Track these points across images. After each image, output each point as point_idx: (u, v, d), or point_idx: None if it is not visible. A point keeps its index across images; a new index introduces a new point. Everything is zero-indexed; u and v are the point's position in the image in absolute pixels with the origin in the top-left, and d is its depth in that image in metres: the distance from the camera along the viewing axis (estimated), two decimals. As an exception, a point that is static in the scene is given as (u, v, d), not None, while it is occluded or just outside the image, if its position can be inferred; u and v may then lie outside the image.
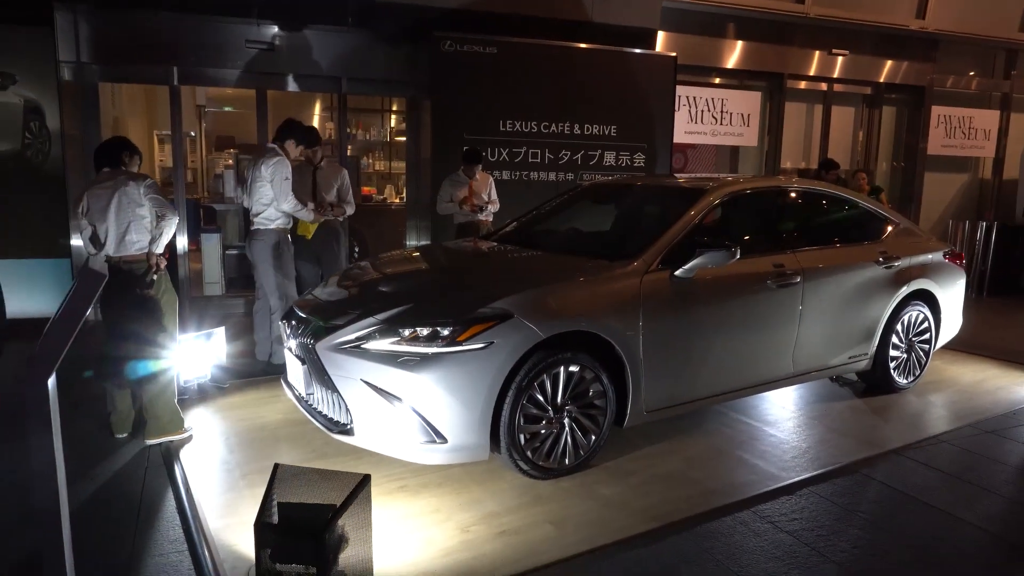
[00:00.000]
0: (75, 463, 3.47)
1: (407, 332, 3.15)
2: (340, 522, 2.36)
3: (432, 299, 3.43)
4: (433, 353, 3.08)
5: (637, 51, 7.41)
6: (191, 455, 3.66)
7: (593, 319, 3.38)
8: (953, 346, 5.52)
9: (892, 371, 4.81)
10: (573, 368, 3.36)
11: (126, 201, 3.73)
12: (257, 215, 4.94)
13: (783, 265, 4.14)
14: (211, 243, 7.20)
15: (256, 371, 5.03)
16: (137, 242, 3.77)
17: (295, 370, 3.64)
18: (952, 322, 5.22)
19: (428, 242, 7.13)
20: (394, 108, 11.41)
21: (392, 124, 11.57)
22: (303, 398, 3.60)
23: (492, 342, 3.11)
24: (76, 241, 6.23)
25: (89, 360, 4.09)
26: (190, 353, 4.46)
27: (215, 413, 4.26)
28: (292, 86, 6.92)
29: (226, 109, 11.52)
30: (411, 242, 7.64)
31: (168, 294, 3.91)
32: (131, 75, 6.62)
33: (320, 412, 3.46)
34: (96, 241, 3.79)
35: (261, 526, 2.31)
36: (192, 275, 7.00)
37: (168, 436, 3.78)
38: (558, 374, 3.33)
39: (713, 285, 3.81)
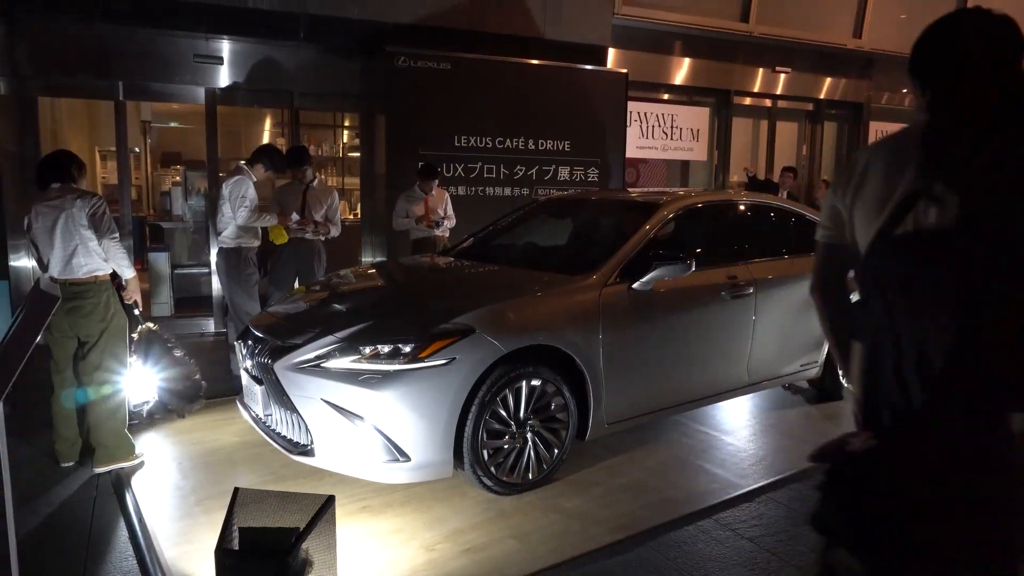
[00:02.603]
0: (19, 492, 3.32)
1: (368, 350, 3.12)
2: (304, 545, 2.30)
3: (392, 316, 3.41)
4: (395, 370, 3.06)
5: (589, 67, 7.54)
6: (143, 481, 3.54)
7: (554, 333, 3.41)
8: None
9: (841, 378, 4.97)
10: (535, 382, 3.37)
11: (72, 223, 3.53)
12: (219, 233, 4.97)
13: (736, 276, 4.24)
14: (159, 262, 7.00)
15: (210, 392, 4.88)
16: (85, 265, 3.57)
17: (252, 391, 3.56)
18: (895, 329, 5.42)
19: (384, 259, 7.07)
20: (346, 123, 11.33)
21: (344, 139, 11.48)
22: (261, 419, 3.52)
23: (454, 358, 3.10)
24: (15, 262, 5.99)
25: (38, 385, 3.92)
26: (138, 377, 4.30)
27: (168, 437, 4.13)
28: (243, 101, 6.81)
29: (172, 124, 11.26)
30: (366, 258, 7.56)
31: (117, 317, 3.77)
32: (73, 89, 6.41)
33: (279, 433, 3.39)
34: (41, 263, 3.62)
35: (222, 552, 2.24)
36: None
37: (118, 463, 3.64)
38: (520, 388, 3.34)
39: (670, 297, 3.88)
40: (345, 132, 11.43)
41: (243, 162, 5.16)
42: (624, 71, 7.69)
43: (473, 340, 3.15)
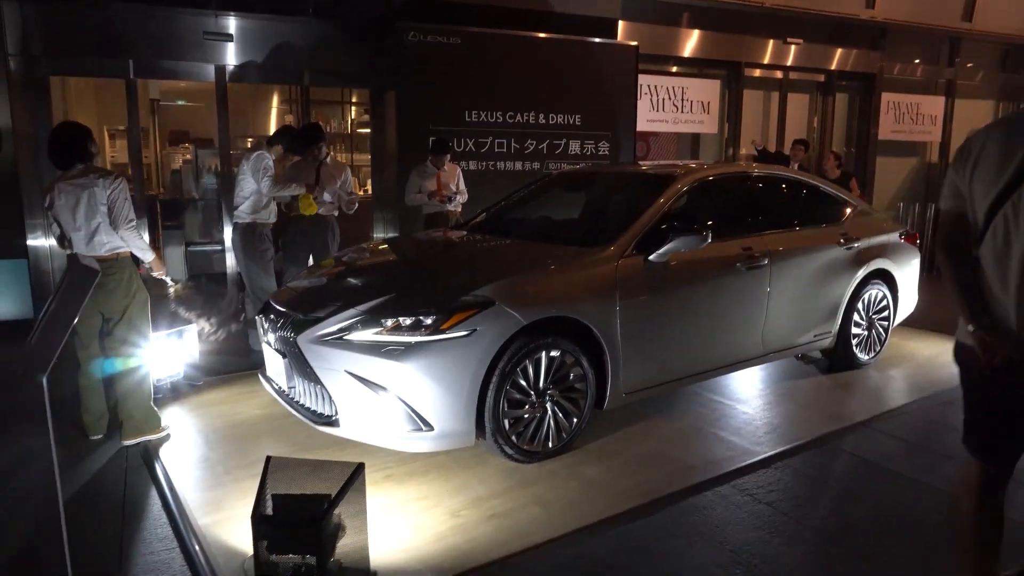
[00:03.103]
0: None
1: (389, 322, 3.17)
2: (336, 511, 2.37)
3: (413, 288, 3.45)
4: (417, 342, 3.10)
5: (599, 40, 7.48)
6: (171, 454, 3.62)
7: (572, 305, 3.45)
8: (908, 323, 5.74)
9: (854, 348, 5.00)
10: (554, 353, 3.42)
11: (94, 202, 3.56)
12: (235, 208, 5.03)
13: (751, 248, 4.26)
14: (173, 240, 7.06)
15: (231, 367, 4.97)
16: (107, 243, 3.61)
17: (275, 364, 3.62)
18: (908, 300, 5.44)
19: (395, 235, 7.10)
20: (354, 100, 11.29)
21: (352, 116, 11.45)
22: (284, 392, 3.58)
23: (475, 329, 3.15)
24: (33, 241, 6.04)
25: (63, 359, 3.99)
26: (162, 352, 4.38)
27: (192, 411, 4.20)
28: (253, 78, 6.80)
29: (179, 103, 11.25)
30: (378, 235, 7.59)
31: (140, 292, 3.82)
32: (85, 68, 6.42)
33: (302, 405, 3.46)
34: (63, 240, 3.68)
35: (259, 518, 2.31)
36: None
37: (145, 436, 3.73)
38: (539, 359, 3.38)
39: (686, 269, 3.91)
40: (352, 109, 11.40)
41: (264, 140, 5.22)
42: (634, 44, 7.64)
43: (493, 312, 3.20)
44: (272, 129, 11.76)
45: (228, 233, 6.94)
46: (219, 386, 4.62)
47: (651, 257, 3.75)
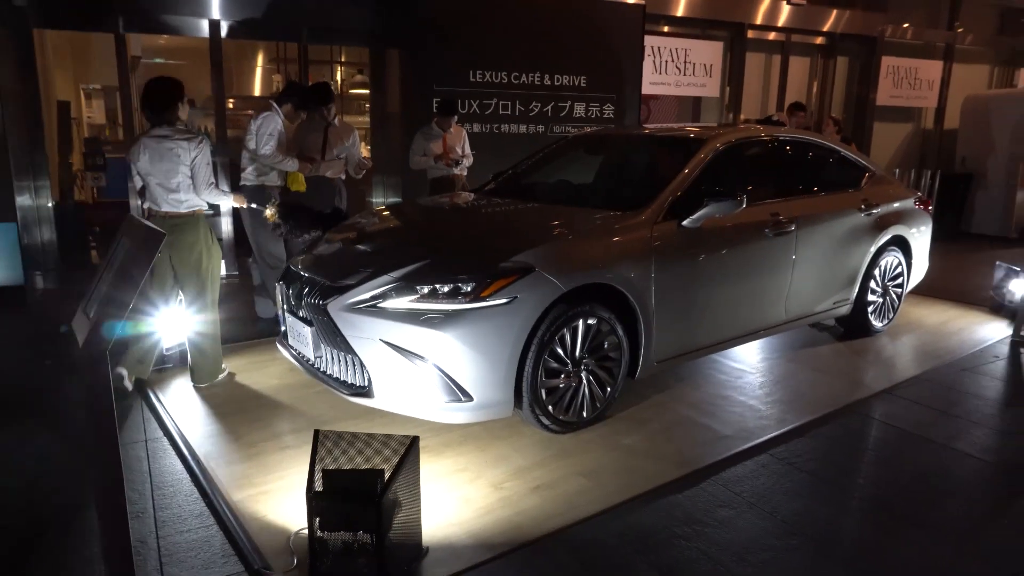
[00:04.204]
0: (67, 435, 3.28)
1: (426, 289, 3.05)
2: (393, 486, 2.28)
3: (448, 254, 3.32)
4: (457, 310, 3.00)
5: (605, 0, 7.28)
6: (191, 425, 3.49)
7: (610, 271, 3.36)
8: (913, 290, 5.76)
9: (870, 315, 5.00)
10: (591, 321, 3.34)
11: (176, 161, 3.65)
12: (242, 170, 4.83)
13: (779, 214, 4.19)
14: (166, 204, 6.79)
15: (239, 336, 4.82)
16: (186, 201, 3.72)
17: (299, 333, 3.49)
18: (921, 267, 5.44)
19: (409, 199, 6.92)
20: (343, 59, 10.94)
21: (341, 76, 11.11)
22: (310, 362, 3.46)
23: (516, 296, 3.04)
24: (22, 203, 5.78)
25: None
26: (170, 320, 4.22)
27: (206, 381, 4.06)
28: (248, 35, 6.52)
29: (157, 60, 10.81)
30: (380, 199, 7.40)
31: (213, 249, 3.90)
32: (71, 21, 6.09)
33: (331, 375, 3.34)
34: (142, 193, 3.77)
35: (314, 495, 2.21)
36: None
37: (215, 379, 3.97)
38: (577, 327, 3.30)
39: (717, 235, 3.83)
40: (342, 69, 11.04)
41: (272, 99, 4.97)
42: (641, 2, 7.44)
43: (533, 278, 3.09)
44: (257, 90, 11.39)
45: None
46: (229, 355, 4.46)
47: (684, 222, 3.66)
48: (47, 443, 3.32)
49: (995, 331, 5.29)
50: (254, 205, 4.44)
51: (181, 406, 3.71)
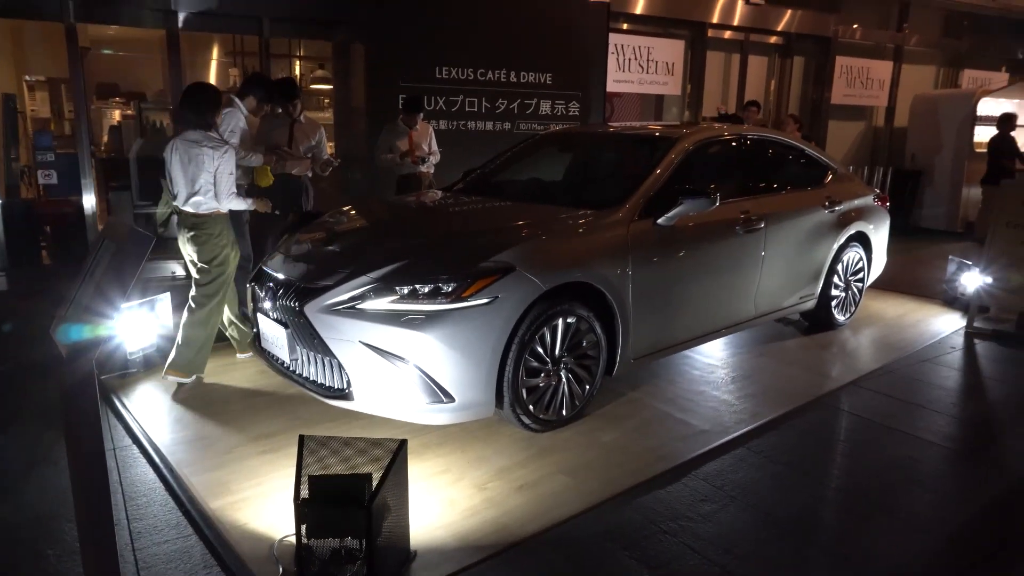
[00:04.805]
0: (28, 441, 3.14)
1: (406, 290, 3.01)
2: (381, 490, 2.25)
3: (427, 254, 3.28)
4: (438, 310, 2.97)
5: (570, -4, 7.30)
6: (161, 432, 3.38)
7: (588, 269, 3.37)
8: (872, 284, 5.93)
9: (833, 309, 5.13)
10: (570, 320, 3.34)
11: (202, 166, 3.77)
12: None
13: (748, 211, 4.26)
14: (122, 202, 6.57)
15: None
16: (205, 204, 3.82)
17: (274, 335, 3.41)
18: (880, 261, 5.61)
19: (366, 197, 6.82)
20: (302, 53, 10.71)
21: (301, 71, 10.87)
22: (285, 364, 3.39)
23: (497, 296, 3.03)
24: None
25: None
26: (133, 323, 4.08)
27: (173, 386, 3.93)
28: (206, 26, 6.33)
29: (105, 52, 10.42)
30: (345, 198, 7.28)
31: (229, 247, 3.99)
32: (19, 10, 5.80)
33: (308, 378, 3.27)
34: (170, 190, 3.91)
35: (302, 502, 2.16)
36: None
37: (184, 376, 3.89)
38: (556, 326, 3.30)
39: (690, 232, 3.88)
40: (299, 63, 10.81)
41: (234, 94, 4.79)
42: (606, 1, 7.48)
43: (514, 278, 3.08)
44: (213, 84, 11.06)
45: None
46: (196, 358, 4.35)
47: (660, 220, 3.69)
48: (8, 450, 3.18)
49: (950, 323, 5.49)
50: (277, 212, 4.55)
51: (149, 412, 3.59)
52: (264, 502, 2.76)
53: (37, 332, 3.37)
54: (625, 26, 8.57)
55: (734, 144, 4.60)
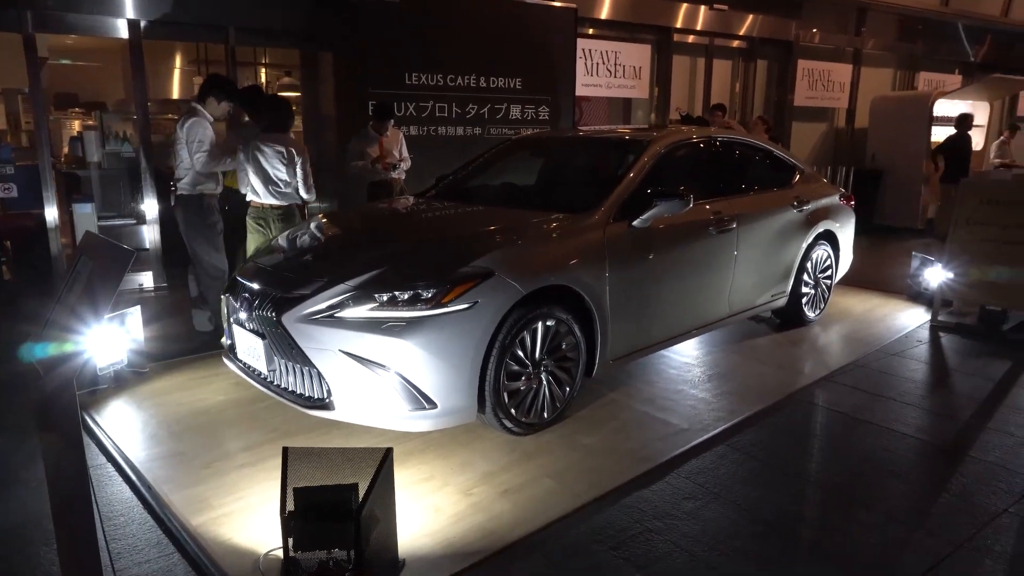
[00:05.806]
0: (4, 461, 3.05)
1: (385, 297, 3.00)
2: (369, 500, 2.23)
3: (405, 261, 3.27)
4: (417, 317, 2.95)
5: (538, 2, 7.33)
6: (136, 448, 3.30)
7: (566, 272, 3.38)
8: (839, 281, 6.05)
9: (804, 306, 5.23)
10: (549, 323, 3.35)
11: (277, 166, 4.49)
12: (179, 180, 4.58)
13: (720, 212, 4.33)
14: (85, 214, 6.41)
15: (176, 352, 4.60)
16: (276, 197, 4.56)
17: (249, 346, 3.36)
18: (847, 258, 5.74)
19: (337, 205, 6.77)
20: (266, 60, 10.60)
21: (266, 78, 10.75)
22: (262, 375, 3.34)
23: (476, 301, 3.03)
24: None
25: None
26: (104, 338, 3.99)
27: (146, 400, 3.85)
28: (170, 35, 6.23)
29: (63, 62, 10.19)
30: (316, 207, 7.20)
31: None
32: (-28, 20, 5.65)
33: (286, 389, 3.23)
34: (245, 185, 4.57)
35: (289, 515, 2.13)
36: (70, 251, 6.22)
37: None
38: (536, 329, 3.31)
39: (665, 234, 3.92)
40: (265, 71, 10.70)
41: (194, 102, 4.72)
42: (573, 6, 7.54)
43: (494, 282, 3.08)
44: (175, 92, 10.89)
45: (150, 206, 6.41)
46: (168, 372, 4.27)
47: (635, 223, 3.73)
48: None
49: (915, 317, 5.63)
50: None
51: (122, 429, 3.51)
52: (246, 516, 2.71)
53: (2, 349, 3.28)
54: (592, 31, 8.65)
55: (705, 147, 4.67)
